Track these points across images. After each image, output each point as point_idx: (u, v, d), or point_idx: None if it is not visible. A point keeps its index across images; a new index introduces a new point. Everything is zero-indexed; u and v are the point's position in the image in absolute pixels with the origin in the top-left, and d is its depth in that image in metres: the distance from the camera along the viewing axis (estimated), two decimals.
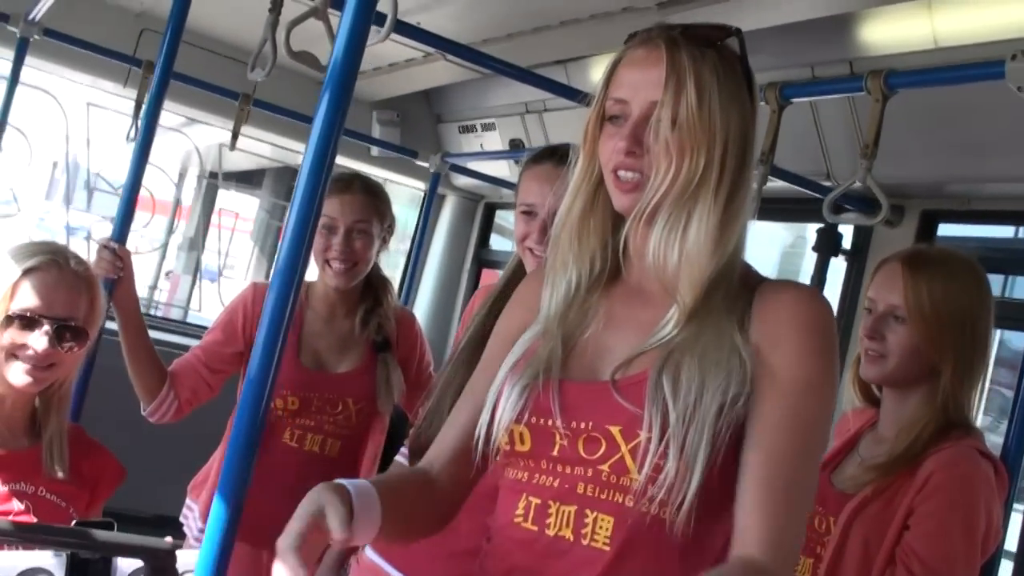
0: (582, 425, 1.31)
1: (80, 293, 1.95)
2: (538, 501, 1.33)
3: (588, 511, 1.29)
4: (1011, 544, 2.08)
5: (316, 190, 1.39)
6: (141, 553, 1.50)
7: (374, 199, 2.62)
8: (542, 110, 4.19)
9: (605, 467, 1.28)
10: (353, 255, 2.55)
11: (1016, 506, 2.88)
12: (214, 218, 7.75)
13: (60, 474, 1.96)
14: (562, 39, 3.23)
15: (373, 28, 1.60)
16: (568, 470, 1.32)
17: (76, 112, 5.31)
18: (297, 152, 5.32)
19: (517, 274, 2.01)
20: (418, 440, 2.09)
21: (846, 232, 3.36)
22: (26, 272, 1.92)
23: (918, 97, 2.50)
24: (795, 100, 2.39)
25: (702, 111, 1.31)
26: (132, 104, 3.58)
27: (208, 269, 8.94)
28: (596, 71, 3.62)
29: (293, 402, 2.52)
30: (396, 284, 4.83)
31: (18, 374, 1.90)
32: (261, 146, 5.29)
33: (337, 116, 1.39)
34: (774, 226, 5.40)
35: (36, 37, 3.37)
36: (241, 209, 9.08)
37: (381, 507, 1.27)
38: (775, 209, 3.47)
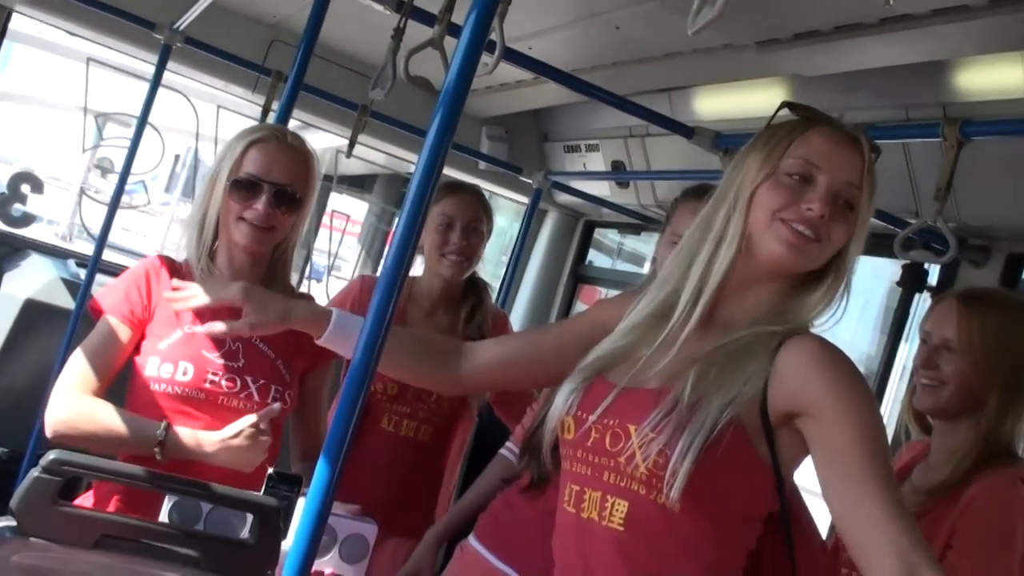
0: (611, 422, 1.51)
1: (298, 164, 2.20)
2: (577, 488, 1.55)
3: (609, 496, 1.49)
4: None
5: (424, 197, 1.56)
6: (252, 508, 1.70)
7: (484, 201, 2.87)
8: (644, 135, 4.31)
9: (622, 459, 1.47)
10: (469, 249, 2.78)
11: None
12: (325, 219, 8.04)
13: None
14: (665, 70, 3.37)
15: (484, 56, 1.78)
16: (597, 459, 1.52)
17: (206, 113, 5.63)
18: (408, 161, 5.54)
19: None
20: (532, 440, 2.29)
21: (934, 270, 3.43)
22: (251, 144, 2.17)
23: (1009, 142, 2.58)
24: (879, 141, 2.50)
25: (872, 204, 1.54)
26: (259, 109, 3.84)
27: (316, 268, 9.26)
28: (697, 100, 3.75)
29: (392, 388, 2.71)
30: (497, 288, 5.02)
31: (243, 234, 2.14)
32: (374, 154, 5.52)
33: (447, 134, 1.56)
34: (885, 261, 5.41)
35: (178, 44, 3.63)
36: (352, 212, 9.38)
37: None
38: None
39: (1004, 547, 1.87)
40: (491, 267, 8.29)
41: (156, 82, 3.68)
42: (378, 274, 1.70)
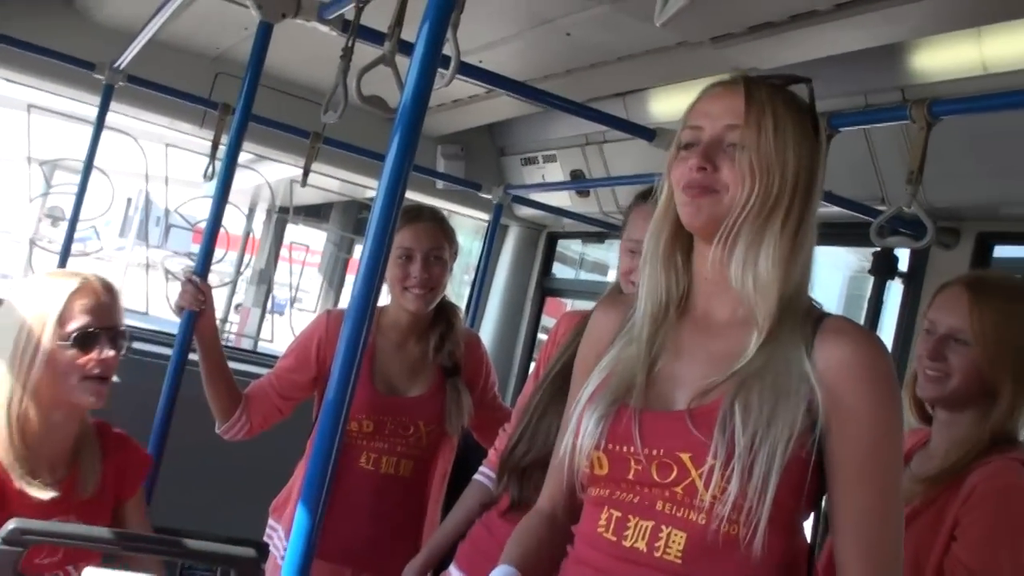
0: (655, 452, 1.41)
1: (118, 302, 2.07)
2: (619, 514, 1.44)
3: (664, 527, 1.39)
4: None
5: (388, 224, 1.49)
6: (228, 562, 1.61)
7: (444, 226, 2.76)
8: (602, 141, 4.27)
9: (679, 489, 1.38)
10: (431, 280, 2.67)
11: None
12: (284, 251, 7.95)
13: (91, 488, 2.03)
14: (619, 73, 3.32)
15: (439, 71, 1.71)
16: (646, 490, 1.41)
17: (155, 153, 5.52)
18: (363, 186, 5.47)
19: None
20: (509, 462, 2.21)
21: (903, 255, 3.40)
22: (71, 295, 1.99)
23: (971, 121, 2.54)
24: (843, 129, 2.46)
25: (778, 139, 1.42)
26: (208, 144, 3.75)
27: (277, 302, 9.15)
28: (653, 103, 3.71)
29: (368, 425, 2.62)
30: (463, 308, 4.94)
31: (86, 394, 1.98)
32: (329, 181, 5.44)
33: (407, 155, 1.49)
34: (840, 251, 5.40)
35: (121, 84, 3.54)
36: (310, 242, 9.29)
37: None
38: (832, 234, 3.52)
39: (1011, 535, 1.82)
40: (455, 286, 8.23)
41: (100, 124, 3.60)
42: (342, 306, 1.62)
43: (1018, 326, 1.96)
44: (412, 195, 4.57)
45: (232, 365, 2.68)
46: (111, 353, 1.99)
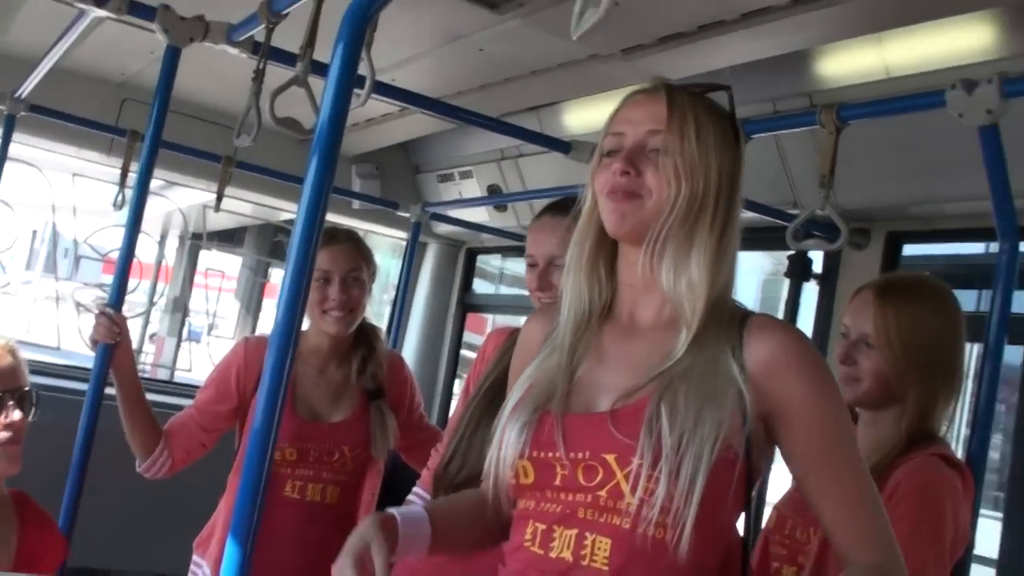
0: (580, 455, 1.39)
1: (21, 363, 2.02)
2: (543, 526, 1.41)
3: (588, 534, 1.37)
4: (982, 549, 2.15)
5: (310, 247, 1.47)
6: None
7: (361, 247, 2.72)
8: (517, 156, 4.29)
9: (603, 492, 1.36)
10: (350, 302, 2.63)
11: (994, 513, 2.98)
12: (199, 278, 7.80)
13: (3, 561, 1.97)
14: (533, 87, 3.34)
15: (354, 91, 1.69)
16: (570, 497, 1.39)
17: (61, 182, 5.38)
18: (278, 208, 5.40)
19: None
20: (443, 479, 2.18)
21: (817, 257, 3.46)
22: None
23: (878, 124, 2.60)
24: (755, 136, 2.50)
25: (700, 144, 1.43)
26: (118, 172, 3.65)
27: (193, 330, 8.98)
28: (567, 116, 3.74)
29: (291, 453, 2.57)
30: (385, 329, 4.89)
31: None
32: (243, 205, 5.36)
33: (326, 177, 1.47)
34: (754, 254, 5.51)
35: (23, 113, 3.44)
36: (225, 267, 9.14)
37: (432, 529, 1.44)
38: (748, 239, 3.55)
39: (934, 532, 1.85)
40: (375, 306, 8.17)
41: (2, 156, 3.48)
42: (259, 333, 1.59)
43: (923, 327, 2.00)
44: (329, 216, 4.51)
45: (150, 397, 2.61)
46: (18, 416, 1.94)
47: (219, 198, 3.80)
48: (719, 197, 1.44)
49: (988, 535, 2.83)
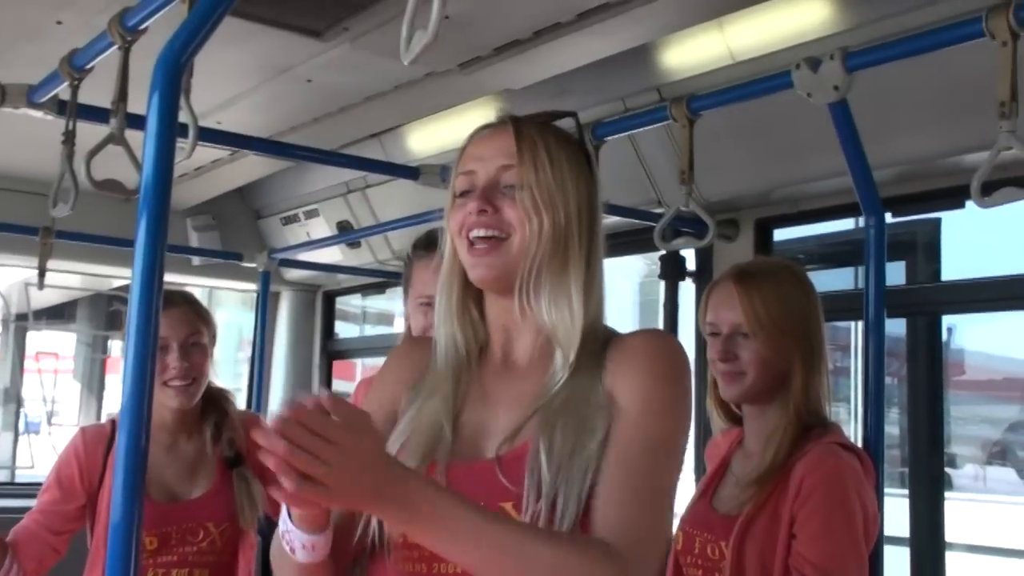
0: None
1: None
2: None
3: None
4: (891, 530, 2.26)
5: (151, 313, 1.45)
6: None
7: (198, 309, 2.69)
8: (364, 187, 4.28)
9: None
10: (192, 370, 2.59)
11: (900, 490, 3.11)
12: (29, 363, 7.53)
13: None
14: (370, 114, 3.34)
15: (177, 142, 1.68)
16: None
17: None
18: (109, 276, 5.27)
19: None
20: None
21: (690, 255, 3.56)
22: None
23: (732, 111, 2.70)
24: (610, 138, 2.57)
25: (555, 173, 1.47)
26: None
27: (30, 421, 8.64)
28: (412, 139, 3.76)
29: (151, 542, 2.50)
30: (244, 390, 4.82)
31: None
32: (70, 277, 5.21)
33: (158, 237, 1.46)
34: (629, 257, 5.62)
35: None
36: (59, 348, 8.84)
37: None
38: (616, 244, 3.64)
39: (845, 521, 1.94)
40: (231, 366, 8.00)
41: None
42: (108, 411, 1.55)
43: (790, 305, 2.11)
44: (168, 277, 4.42)
45: None
46: None
47: (41, 274, 3.69)
48: (582, 223, 1.49)
49: (896, 514, 2.96)
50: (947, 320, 5.55)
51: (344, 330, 5.84)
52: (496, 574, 1.29)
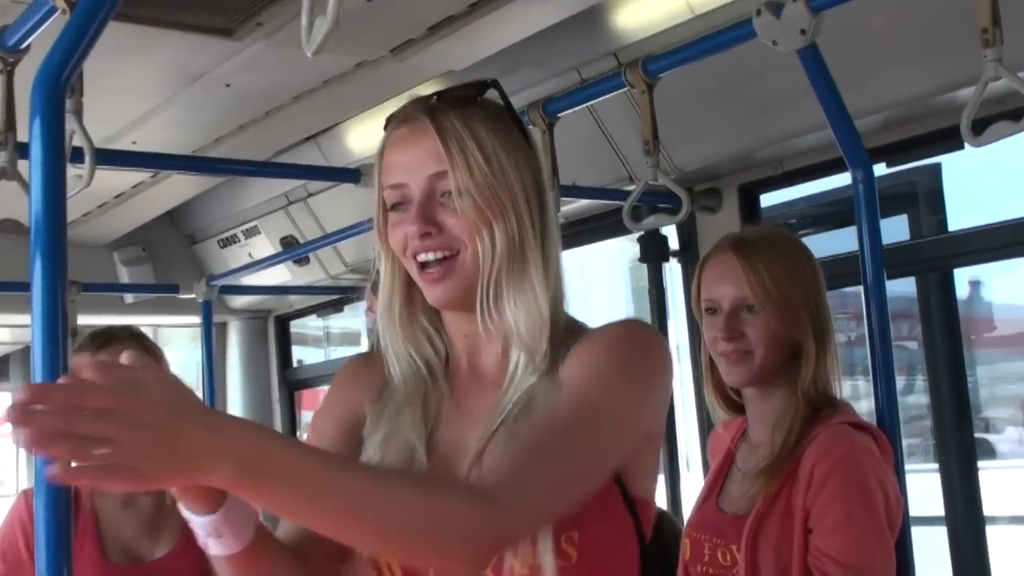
0: None
1: None
2: None
3: None
4: (916, 510, 2.24)
5: (57, 366, 1.43)
6: None
7: (145, 344, 2.66)
8: (306, 196, 4.26)
9: (488, 572, 1.38)
10: None
11: (931, 465, 3.09)
12: None
13: None
14: (301, 114, 3.32)
15: (75, 170, 1.65)
16: None
17: None
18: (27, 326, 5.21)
19: None
20: None
21: (672, 233, 3.55)
22: None
23: (697, 70, 2.68)
24: (562, 114, 2.55)
25: (492, 166, 1.44)
26: None
27: None
28: (351, 138, 3.73)
29: None
30: None
31: None
32: None
33: (57, 278, 1.44)
34: (614, 241, 5.62)
35: None
36: None
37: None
38: (591, 229, 3.63)
39: (865, 506, 1.92)
40: None
41: None
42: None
43: (798, 276, 2.09)
44: (98, 320, 4.39)
45: None
46: None
47: None
48: (532, 212, 1.47)
49: (930, 491, 2.94)
50: (969, 273, 5.57)
51: (308, 355, 5.82)
52: (356, 531, 1.23)
